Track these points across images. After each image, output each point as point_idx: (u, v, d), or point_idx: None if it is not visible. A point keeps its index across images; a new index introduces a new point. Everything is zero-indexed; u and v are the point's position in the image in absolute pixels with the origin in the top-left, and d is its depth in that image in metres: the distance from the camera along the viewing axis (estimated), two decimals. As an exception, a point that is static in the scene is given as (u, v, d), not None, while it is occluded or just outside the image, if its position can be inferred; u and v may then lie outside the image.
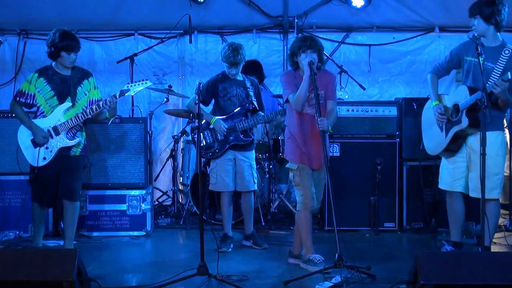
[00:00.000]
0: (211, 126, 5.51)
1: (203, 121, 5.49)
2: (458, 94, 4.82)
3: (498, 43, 4.73)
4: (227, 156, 5.48)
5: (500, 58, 4.62)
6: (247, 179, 5.51)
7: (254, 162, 5.64)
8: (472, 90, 4.64)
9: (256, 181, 5.63)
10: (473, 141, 4.74)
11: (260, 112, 5.62)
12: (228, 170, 5.47)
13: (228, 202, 5.54)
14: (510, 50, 4.66)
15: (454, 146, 4.86)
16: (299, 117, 4.75)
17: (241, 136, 5.48)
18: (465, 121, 4.67)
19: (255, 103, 5.57)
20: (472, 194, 4.78)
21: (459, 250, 4.92)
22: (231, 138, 5.47)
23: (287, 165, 4.86)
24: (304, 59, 4.63)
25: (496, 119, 4.62)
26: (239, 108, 5.52)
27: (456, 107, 4.79)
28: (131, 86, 5.07)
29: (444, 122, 4.87)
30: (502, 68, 4.57)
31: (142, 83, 5.08)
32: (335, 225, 4.35)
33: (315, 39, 4.81)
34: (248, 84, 5.58)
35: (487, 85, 4.45)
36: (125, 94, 5.05)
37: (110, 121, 5.33)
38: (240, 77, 5.59)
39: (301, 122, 4.75)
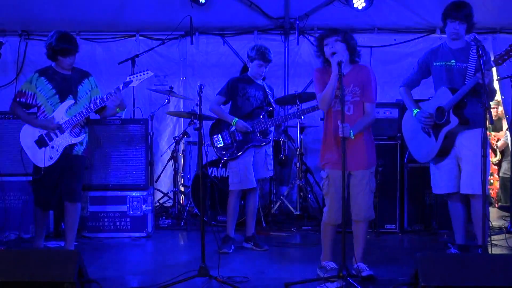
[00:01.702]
0: (233, 128, 5.49)
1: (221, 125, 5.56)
2: (439, 97, 4.86)
3: (464, 44, 4.83)
4: (247, 155, 5.47)
5: (471, 57, 4.69)
6: (262, 166, 5.55)
7: (270, 149, 5.65)
8: (453, 91, 4.72)
9: (271, 168, 5.66)
10: (461, 139, 4.80)
11: (281, 112, 5.64)
12: (249, 167, 5.47)
13: (235, 203, 5.52)
14: (482, 50, 4.71)
15: (446, 149, 4.87)
16: (331, 117, 4.41)
17: (259, 137, 5.49)
18: (454, 120, 4.73)
19: (273, 105, 5.59)
20: (463, 190, 4.80)
21: (465, 253, 4.92)
22: (249, 139, 5.47)
23: (321, 173, 4.59)
24: (327, 52, 4.33)
25: (479, 117, 4.62)
26: (256, 109, 5.52)
27: (440, 109, 4.82)
28: (133, 77, 5.10)
29: (431, 125, 4.88)
30: (474, 65, 4.63)
31: (144, 74, 5.11)
32: (343, 232, 4.25)
33: (337, 28, 4.43)
34: (267, 89, 5.61)
35: (467, 82, 4.61)
36: (129, 86, 5.09)
37: (123, 114, 5.31)
38: (260, 82, 5.61)
39: (334, 122, 4.36)
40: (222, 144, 5.53)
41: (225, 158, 5.52)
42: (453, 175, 4.88)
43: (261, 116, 5.51)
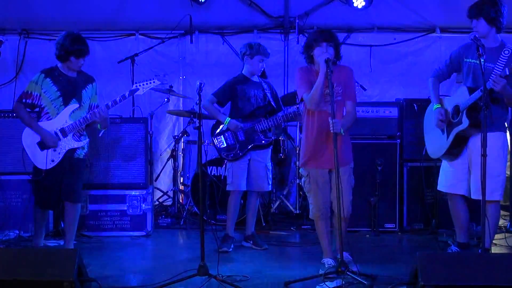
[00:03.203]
0: (225, 127, 5.50)
1: (222, 125, 5.56)
2: (458, 96, 4.80)
3: (498, 43, 4.71)
4: (245, 157, 5.48)
5: (500, 58, 4.60)
6: (261, 179, 5.51)
7: (270, 163, 5.64)
8: (472, 91, 4.62)
9: (270, 182, 5.63)
10: (474, 142, 4.70)
11: (282, 112, 5.62)
12: (243, 170, 5.47)
13: (235, 203, 5.53)
14: (509, 50, 4.64)
15: (456, 149, 4.82)
16: (315, 116, 4.55)
17: (261, 136, 5.48)
18: (465, 122, 4.65)
19: (273, 104, 5.58)
20: (474, 196, 4.73)
21: (465, 251, 4.90)
22: (251, 139, 5.47)
23: (300, 170, 4.73)
24: (320, 54, 4.44)
25: (498, 120, 4.60)
26: (257, 109, 5.52)
27: (456, 108, 4.78)
28: (140, 85, 5.09)
29: (443, 126, 4.85)
30: (501, 68, 4.53)
31: (150, 82, 5.10)
32: (340, 231, 4.29)
33: (331, 32, 4.59)
34: (264, 86, 5.60)
35: (488, 83, 4.41)
36: (135, 94, 5.10)
37: (101, 133, 5.27)
38: (256, 79, 5.60)
39: (318, 120, 4.53)
40: (225, 145, 5.52)
41: (229, 159, 5.52)
42: (463, 177, 4.83)
43: (262, 116, 5.51)
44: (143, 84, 5.08)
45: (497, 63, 4.59)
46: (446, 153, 4.88)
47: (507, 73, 4.36)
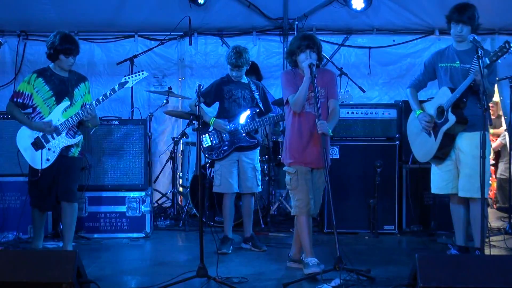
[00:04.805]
0: (211, 128, 5.52)
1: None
2: (440, 97, 4.91)
3: (470, 45, 4.80)
4: (231, 157, 5.49)
5: (475, 59, 4.68)
6: (250, 181, 5.52)
7: (259, 164, 5.65)
8: (453, 90, 4.77)
9: (259, 183, 5.63)
10: (461, 141, 4.83)
11: (269, 114, 5.63)
12: (232, 172, 5.48)
13: (230, 204, 5.53)
14: (481, 51, 4.72)
15: (444, 150, 4.90)
16: (299, 117, 4.68)
17: (246, 137, 5.49)
18: (452, 118, 4.76)
19: (260, 105, 5.58)
20: (461, 194, 4.84)
21: (464, 254, 4.92)
22: (236, 139, 5.48)
23: (285, 168, 4.80)
24: (304, 60, 4.59)
25: (479, 119, 4.63)
26: (244, 110, 5.53)
27: (440, 109, 4.88)
28: (129, 78, 5.14)
29: (431, 127, 4.94)
30: (476, 67, 4.61)
31: (139, 74, 5.15)
32: (334, 228, 4.34)
33: (313, 38, 4.72)
34: (253, 88, 5.60)
35: (470, 76, 4.63)
36: (124, 86, 5.11)
37: (92, 131, 5.31)
38: (244, 80, 5.61)
39: (302, 121, 4.67)
40: (210, 144, 5.54)
41: (212, 158, 5.54)
42: (452, 176, 4.92)
43: (249, 117, 5.52)
44: (132, 77, 5.14)
45: (472, 64, 4.72)
46: (435, 155, 4.96)
47: (488, 62, 4.52)
